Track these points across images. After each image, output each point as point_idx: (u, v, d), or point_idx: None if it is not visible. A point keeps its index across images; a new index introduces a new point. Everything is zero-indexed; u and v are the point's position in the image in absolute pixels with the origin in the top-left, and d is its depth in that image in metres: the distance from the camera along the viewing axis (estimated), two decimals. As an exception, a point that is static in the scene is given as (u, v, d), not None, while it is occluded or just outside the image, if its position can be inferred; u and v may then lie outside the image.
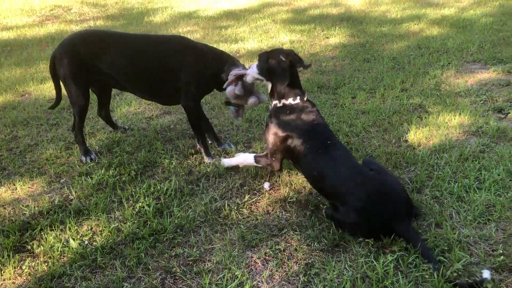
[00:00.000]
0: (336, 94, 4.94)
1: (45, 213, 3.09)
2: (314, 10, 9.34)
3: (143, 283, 2.43)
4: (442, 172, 3.27)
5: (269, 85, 3.10)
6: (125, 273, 2.51)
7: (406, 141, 3.79)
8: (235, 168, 3.49)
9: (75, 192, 3.31)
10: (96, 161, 3.74)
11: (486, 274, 2.29)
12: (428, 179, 3.23)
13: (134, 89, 3.70)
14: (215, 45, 6.92)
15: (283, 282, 2.40)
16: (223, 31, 7.98)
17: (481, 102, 4.45)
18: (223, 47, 6.95)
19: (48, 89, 5.53)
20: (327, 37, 7.22)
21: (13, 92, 5.45)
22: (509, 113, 4.15)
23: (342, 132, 3.97)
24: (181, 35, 7.31)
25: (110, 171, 3.53)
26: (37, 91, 5.48)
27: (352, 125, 4.11)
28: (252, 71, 3.15)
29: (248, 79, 3.19)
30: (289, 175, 3.37)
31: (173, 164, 3.60)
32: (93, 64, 3.53)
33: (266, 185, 3.27)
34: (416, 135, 3.84)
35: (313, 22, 8.22)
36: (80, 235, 2.84)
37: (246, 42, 7.17)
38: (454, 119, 4.08)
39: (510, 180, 3.11)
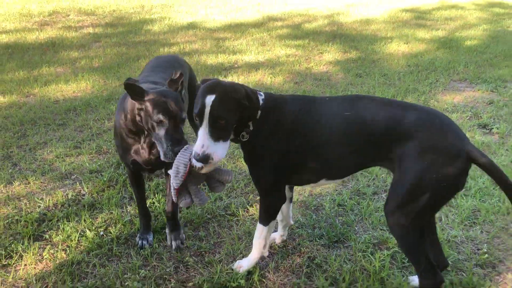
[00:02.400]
0: (331, 106, 5.20)
1: (59, 206, 3.26)
2: (309, 24, 9.67)
3: (158, 270, 2.62)
4: (432, 179, 3.52)
5: None
6: (140, 262, 2.69)
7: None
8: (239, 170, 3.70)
9: (87, 188, 3.48)
10: (105, 159, 3.92)
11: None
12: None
13: None
14: (213, 56, 7.20)
15: (287, 273, 2.61)
16: (221, 43, 8.23)
17: (467, 118, 4.75)
18: (222, 58, 7.20)
19: (52, 91, 5.68)
20: (321, 53, 7.52)
21: (18, 93, 5.59)
22: (492, 128, 4.45)
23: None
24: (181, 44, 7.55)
25: (120, 170, 3.72)
26: (41, 92, 5.63)
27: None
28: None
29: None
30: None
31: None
32: None
33: None
34: (407, 146, 4.10)
35: (308, 38, 8.53)
36: (95, 226, 3.01)
37: (244, 54, 7.42)
38: (442, 132, 4.37)
39: (493, 188, 3.38)
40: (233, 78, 6.16)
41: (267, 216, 2.44)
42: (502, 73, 6.21)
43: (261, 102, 2.26)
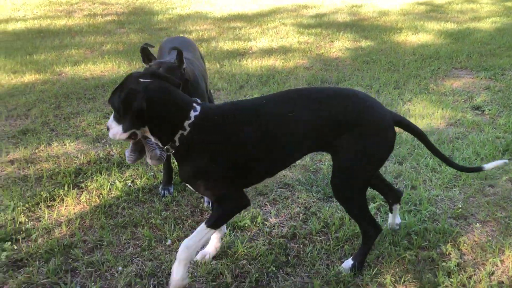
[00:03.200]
0: (337, 88, 5.62)
1: (92, 163, 3.77)
2: (323, 17, 10.05)
3: (177, 213, 3.10)
4: (421, 150, 3.93)
5: None
6: (162, 206, 3.18)
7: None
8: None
9: (116, 150, 3.98)
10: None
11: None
12: (409, 155, 3.89)
13: None
14: (229, 43, 7.66)
15: (286, 218, 3.07)
16: (237, 31, 8.68)
17: (462, 100, 5.13)
18: (237, 44, 7.65)
19: (81, 70, 6.22)
20: (332, 41, 7.92)
21: (51, 72, 6.14)
22: (484, 110, 4.83)
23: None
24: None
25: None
26: (72, 71, 6.17)
27: (349, 113, 4.78)
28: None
29: None
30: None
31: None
32: None
33: None
34: (403, 123, 4.51)
35: (321, 27, 8.93)
36: (123, 179, 3.51)
37: (258, 41, 7.86)
38: (437, 112, 4.76)
39: (475, 159, 3.78)
40: (247, 62, 6.61)
41: (221, 220, 2.35)
42: (502, 62, 6.54)
43: (192, 118, 2.16)
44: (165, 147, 2.22)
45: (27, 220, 3.01)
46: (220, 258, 2.66)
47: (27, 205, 3.14)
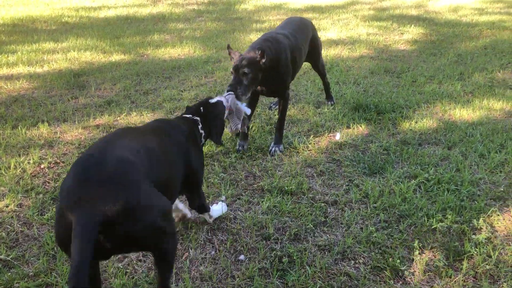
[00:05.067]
0: (399, 78, 5.74)
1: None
2: (395, 10, 10.03)
3: (233, 176, 3.50)
4: (473, 137, 4.02)
5: None
6: (220, 169, 3.59)
7: (450, 115, 4.56)
8: (300, 117, 4.48)
9: (185, 121, 4.46)
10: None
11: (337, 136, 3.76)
12: (460, 141, 4.00)
13: None
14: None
15: (330, 188, 3.35)
16: (308, 22, 8.97)
17: (527, 94, 5.06)
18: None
19: (161, 53, 6.85)
20: (402, 33, 7.95)
21: (135, 53, 6.83)
22: (549, 104, 4.75)
23: (397, 105, 4.79)
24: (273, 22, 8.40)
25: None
26: (153, 53, 6.81)
27: (407, 100, 4.92)
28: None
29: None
30: (349, 128, 4.30)
31: (258, 111, 4.66)
32: None
33: (337, 136, 4.16)
34: (460, 112, 4.59)
35: (391, 20, 8.95)
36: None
37: (327, 31, 8.09)
38: (497, 104, 4.77)
39: (528, 149, 3.82)
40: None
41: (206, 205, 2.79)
42: None
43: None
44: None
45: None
46: (266, 213, 3.02)
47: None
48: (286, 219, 2.97)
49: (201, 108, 2.80)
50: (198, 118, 2.72)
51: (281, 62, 3.75)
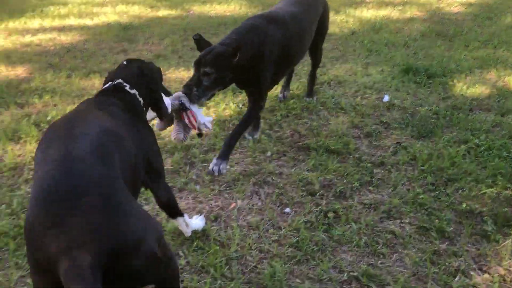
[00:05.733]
0: (451, 42, 5.54)
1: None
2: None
3: (278, 134, 3.53)
4: (529, 105, 3.88)
5: None
6: (267, 127, 3.62)
7: (504, 81, 4.39)
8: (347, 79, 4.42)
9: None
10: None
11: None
12: (514, 109, 3.87)
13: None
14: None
15: (377, 149, 3.34)
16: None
17: None
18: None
19: (207, 9, 6.84)
20: (457, -5, 7.60)
21: (182, 8, 6.85)
22: None
23: (448, 69, 4.64)
24: None
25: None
26: (199, 9, 6.82)
27: (459, 65, 4.76)
28: None
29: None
30: (398, 91, 4.22)
31: (302, 66, 4.63)
32: None
33: (386, 98, 4.06)
34: (515, 79, 4.41)
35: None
36: (235, 102, 4.00)
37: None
38: (557, 71, 4.55)
39: None
40: (361, 10, 6.70)
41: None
42: None
43: None
44: None
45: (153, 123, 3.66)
46: (311, 171, 3.05)
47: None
48: (331, 176, 2.99)
49: (127, 73, 2.11)
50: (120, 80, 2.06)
51: (264, 59, 3.02)
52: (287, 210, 2.70)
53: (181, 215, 2.32)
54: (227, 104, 3.94)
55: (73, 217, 1.34)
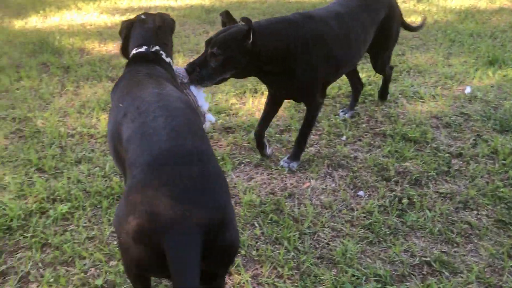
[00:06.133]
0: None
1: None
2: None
3: (355, 119, 3.55)
4: None
5: None
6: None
7: None
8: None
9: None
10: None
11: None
12: None
13: None
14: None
15: (456, 140, 3.26)
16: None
17: None
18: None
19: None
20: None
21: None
22: None
23: None
24: None
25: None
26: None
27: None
28: None
29: None
30: (481, 83, 4.07)
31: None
32: None
33: (468, 89, 3.92)
34: None
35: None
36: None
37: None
38: None
39: None
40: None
41: None
42: None
43: None
44: None
45: (236, 101, 3.81)
46: (387, 157, 3.06)
47: (237, 91, 3.94)
48: (407, 164, 2.98)
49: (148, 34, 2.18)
50: (158, 48, 2.16)
51: (296, 55, 2.68)
52: (361, 193, 2.74)
53: None
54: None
55: (187, 188, 1.36)
